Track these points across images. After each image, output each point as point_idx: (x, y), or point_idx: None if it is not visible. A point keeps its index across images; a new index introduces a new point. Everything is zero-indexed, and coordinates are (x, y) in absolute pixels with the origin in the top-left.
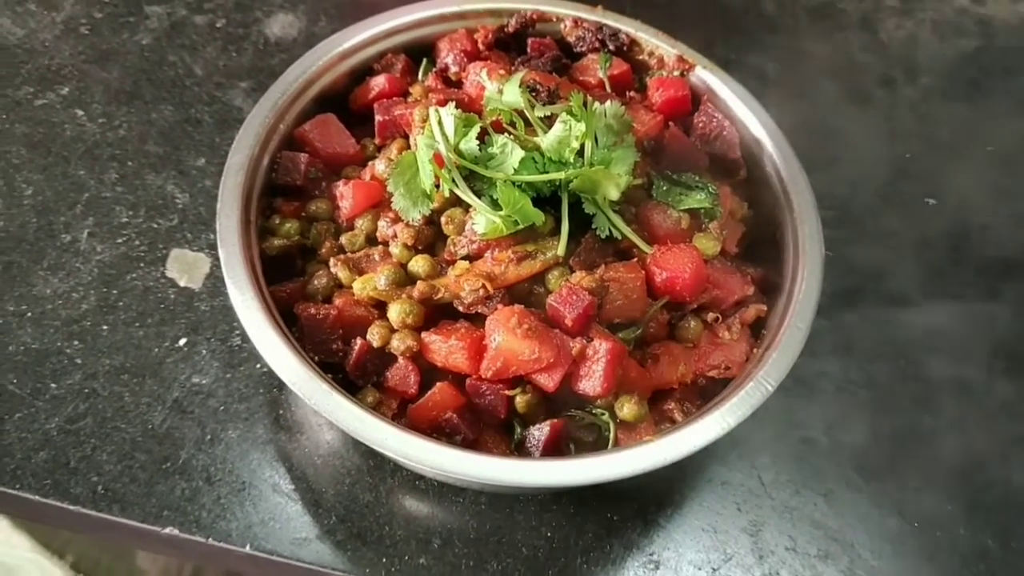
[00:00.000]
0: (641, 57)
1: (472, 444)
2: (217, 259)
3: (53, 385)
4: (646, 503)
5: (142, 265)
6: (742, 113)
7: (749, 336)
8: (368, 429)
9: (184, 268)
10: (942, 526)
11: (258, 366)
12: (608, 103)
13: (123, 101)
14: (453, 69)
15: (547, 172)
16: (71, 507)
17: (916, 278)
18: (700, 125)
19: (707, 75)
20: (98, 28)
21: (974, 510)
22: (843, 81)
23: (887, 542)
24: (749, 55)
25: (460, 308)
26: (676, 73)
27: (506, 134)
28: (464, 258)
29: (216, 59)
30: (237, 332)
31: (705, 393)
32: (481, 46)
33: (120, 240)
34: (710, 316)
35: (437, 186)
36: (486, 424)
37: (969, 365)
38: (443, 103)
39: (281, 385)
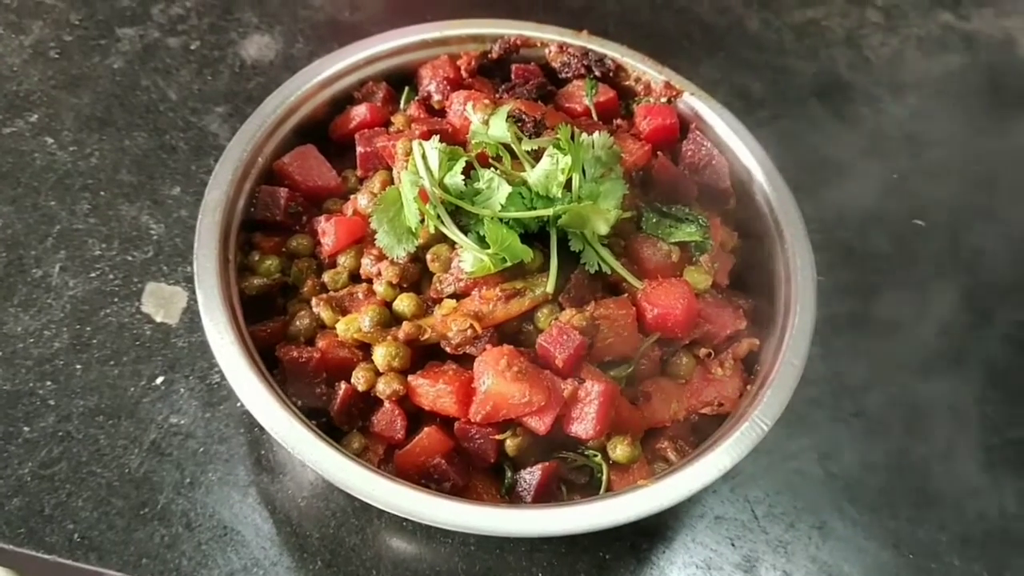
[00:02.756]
0: (628, 83)
1: (461, 490)
2: (194, 293)
3: (26, 428)
4: (638, 540)
5: (116, 300)
6: (731, 141)
7: (742, 371)
8: (356, 480)
9: (160, 303)
10: (936, 557)
11: (238, 405)
12: (596, 134)
13: (95, 128)
14: (436, 97)
15: (535, 207)
16: (46, 556)
17: (906, 302)
18: (689, 154)
19: (695, 102)
20: (68, 52)
21: (968, 541)
22: (829, 99)
23: (882, 575)
24: (733, 74)
25: (447, 349)
26: (663, 100)
27: (492, 168)
28: (451, 296)
29: (191, 83)
30: (216, 369)
31: (698, 429)
32: (464, 73)
33: (93, 274)
34: (702, 351)
35: (422, 220)
36: (475, 468)
37: (961, 391)
38: (427, 135)
39: (262, 426)
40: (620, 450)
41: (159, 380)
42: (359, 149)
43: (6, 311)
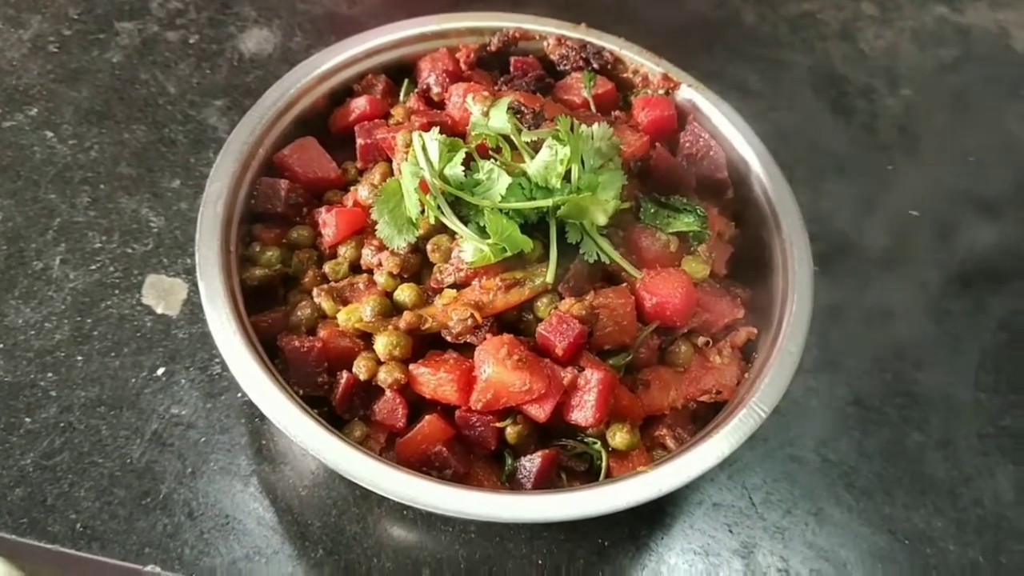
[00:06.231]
0: (626, 75)
1: (462, 477)
2: (194, 284)
3: (27, 419)
4: (637, 527)
5: (117, 292)
6: (728, 132)
7: (740, 359)
8: (358, 468)
9: (161, 294)
10: (932, 543)
11: (239, 395)
12: (596, 125)
13: (94, 121)
14: (435, 90)
15: (534, 198)
16: (49, 546)
17: (901, 292)
18: (687, 145)
19: (693, 93)
20: (67, 46)
21: (963, 526)
22: (825, 92)
23: (878, 560)
24: (730, 67)
25: (448, 338)
26: (661, 92)
27: (492, 159)
28: (451, 286)
29: (190, 76)
30: (217, 360)
31: (696, 417)
32: (463, 66)
33: (94, 266)
34: (700, 340)
35: (422, 211)
36: (475, 456)
37: (955, 379)
38: (426, 127)
39: (264, 415)
40: (619, 437)
41: (160, 371)
42: (359, 141)
43: (7, 303)
